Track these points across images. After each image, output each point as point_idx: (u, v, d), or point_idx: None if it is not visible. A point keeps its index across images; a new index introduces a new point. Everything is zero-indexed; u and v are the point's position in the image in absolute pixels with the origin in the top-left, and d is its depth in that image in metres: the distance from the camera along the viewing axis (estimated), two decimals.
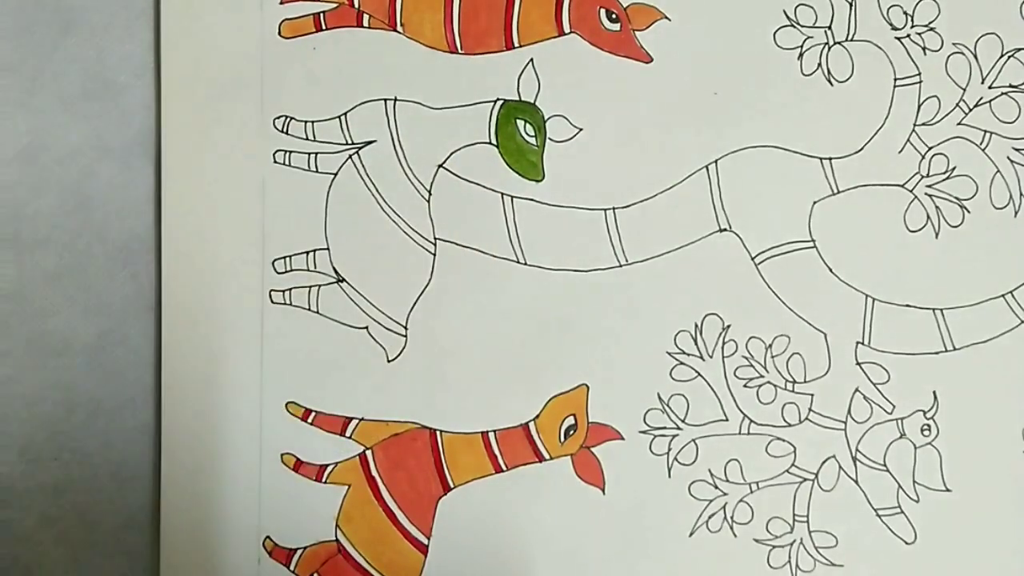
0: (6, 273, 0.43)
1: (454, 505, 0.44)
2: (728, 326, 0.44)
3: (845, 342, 0.44)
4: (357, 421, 0.43)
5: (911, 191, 0.44)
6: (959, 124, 0.44)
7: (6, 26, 0.42)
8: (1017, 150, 0.44)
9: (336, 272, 0.44)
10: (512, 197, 0.43)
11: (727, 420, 0.44)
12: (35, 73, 0.42)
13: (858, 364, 0.44)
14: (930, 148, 0.44)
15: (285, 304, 0.44)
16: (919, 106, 0.44)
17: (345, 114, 0.43)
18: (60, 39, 0.42)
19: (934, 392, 0.45)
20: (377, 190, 0.43)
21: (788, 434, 0.44)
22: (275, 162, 0.44)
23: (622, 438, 0.44)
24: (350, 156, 0.43)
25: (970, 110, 0.44)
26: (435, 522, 0.44)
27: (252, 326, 0.43)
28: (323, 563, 0.43)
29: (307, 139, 0.43)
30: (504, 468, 0.44)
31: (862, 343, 0.44)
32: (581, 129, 0.44)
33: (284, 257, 0.44)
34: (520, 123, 0.43)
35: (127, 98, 0.43)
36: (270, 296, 0.44)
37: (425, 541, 0.44)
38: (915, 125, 0.44)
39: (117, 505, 0.43)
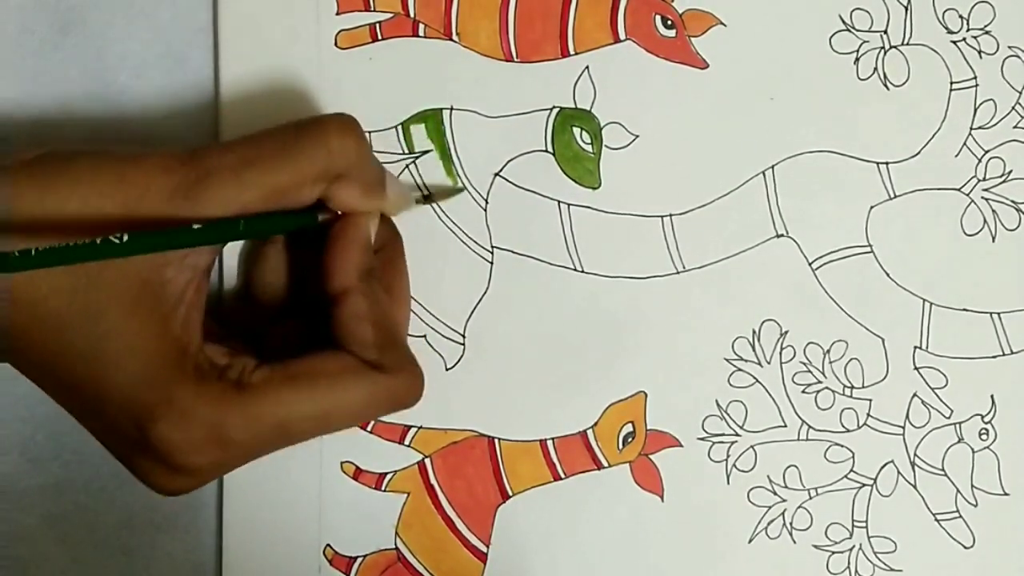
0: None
1: (513, 513, 0.44)
2: (786, 332, 0.44)
3: (903, 347, 0.44)
4: (416, 429, 0.43)
5: (968, 195, 0.44)
6: (1015, 127, 0.44)
7: (6, 26, 0.42)
8: None
9: None
10: (569, 205, 0.43)
11: (785, 426, 0.44)
12: (35, 73, 0.42)
13: (916, 369, 0.44)
14: (986, 152, 0.44)
15: None
16: (975, 110, 0.44)
17: (402, 124, 0.43)
18: (60, 39, 0.42)
19: (992, 396, 0.44)
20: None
21: (846, 440, 0.44)
22: None
23: (681, 445, 0.44)
24: (407, 166, 0.43)
25: None
26: (494, 530, 0.44)
27: None
28: (383, 571, 0.43)
29: None
30: (563, 476, 0.44)
31: (920, 348, 0.44)
32: (637, 136, 0.44)
33: None
34: (576, 130, 0.43)
35: (128, 98, 0.42)
36: None
37: (484, 549, 0.44)
38: (971, 129, 0.44)
39: (118, 505, 0.43)
